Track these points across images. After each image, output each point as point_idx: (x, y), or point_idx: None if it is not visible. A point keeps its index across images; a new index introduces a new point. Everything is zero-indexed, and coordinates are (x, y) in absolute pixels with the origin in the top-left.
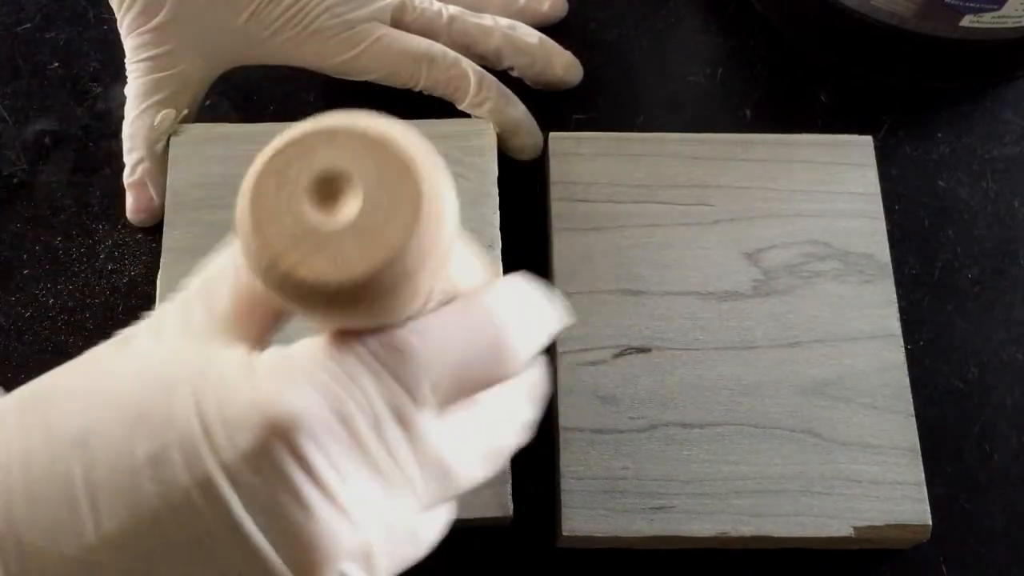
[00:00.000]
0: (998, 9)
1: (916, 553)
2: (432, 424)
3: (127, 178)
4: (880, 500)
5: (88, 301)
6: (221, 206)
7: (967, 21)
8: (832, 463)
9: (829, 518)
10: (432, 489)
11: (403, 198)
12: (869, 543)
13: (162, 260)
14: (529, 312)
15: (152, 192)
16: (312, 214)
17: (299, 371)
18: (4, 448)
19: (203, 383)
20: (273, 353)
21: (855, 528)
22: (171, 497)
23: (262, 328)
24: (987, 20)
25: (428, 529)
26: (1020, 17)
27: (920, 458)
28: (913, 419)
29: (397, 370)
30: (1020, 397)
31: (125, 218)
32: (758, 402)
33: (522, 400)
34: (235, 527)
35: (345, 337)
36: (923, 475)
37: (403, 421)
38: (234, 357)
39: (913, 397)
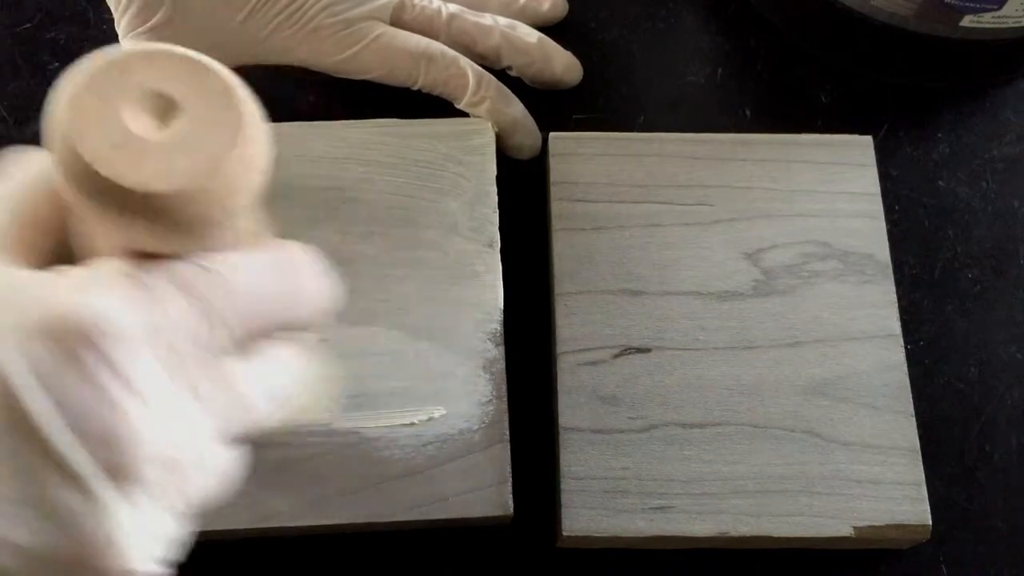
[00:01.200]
0: (998, 9)
1: (916, 553)
2: (231, 356)
3: None
4: (880, 500)
5: None
6: None
7: (967, 21)
8: (832, 463)
9: (829, 518)
10: (230, 419)
11: (224, 120)
12: (869, 543)
13: None
14: (319, 272)
15: None
16: (134, 125)
17: (104, 283)
18: None
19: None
20: (70, 269)
21: (855, 528)
22: None
23: (40, 257)
24: (987, 20)
25: (224, 461)
26: (1020, 17)
27: (920, 458)
28: (913, 419)
29: (206, 293)
30: (1020, 397)
31: None
32: (758, 402)
33: (300, 356)
34: (38, 433)
35: (153, 258)
36: (923, 475)
37: (209, 344)
38: (24, 271)
39: (913, 397)
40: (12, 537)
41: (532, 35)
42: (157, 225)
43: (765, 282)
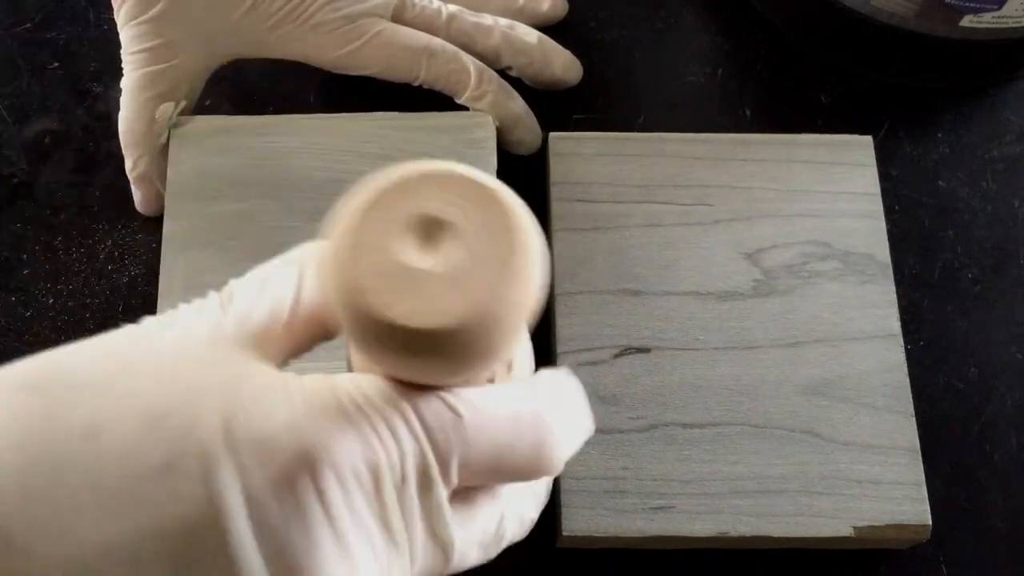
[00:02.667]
0: (998, 9)
1: (916, 553)
2: (447, 502)
3: (130, 172)
4: (880, 500)
5: (88, 301)
6: (222, 198)
7: (967, 21)
8: (832, 463)
9: (829, 518)
10: (427, 564)
11: (500, 252)
12: (869, 543)
13: (163, 252)
14: (572, 416)
15: (158, 185)
16: (407, 254)
17: (339, 407)
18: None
19: (233, 395)
20: (314, 381)
21: (855, 528)
22: (180, 511)
23: (288, 354)
24: (987, 20)
25: None
26: (1020, 17)
27: (920, 458)
28: (913, 419)
29: (438, 437)
30: (1020, 397)
31: (125, 218)
32: (758, 402)
33: (532, 499)
34: (236, 553)
35: (396, 384)
36: (923, 475)
37: (426, 489)
38: (268, 375)
39: (913, 397)
40: None
41: (532, 35)
42: (411, 359)
43: (765, 282)
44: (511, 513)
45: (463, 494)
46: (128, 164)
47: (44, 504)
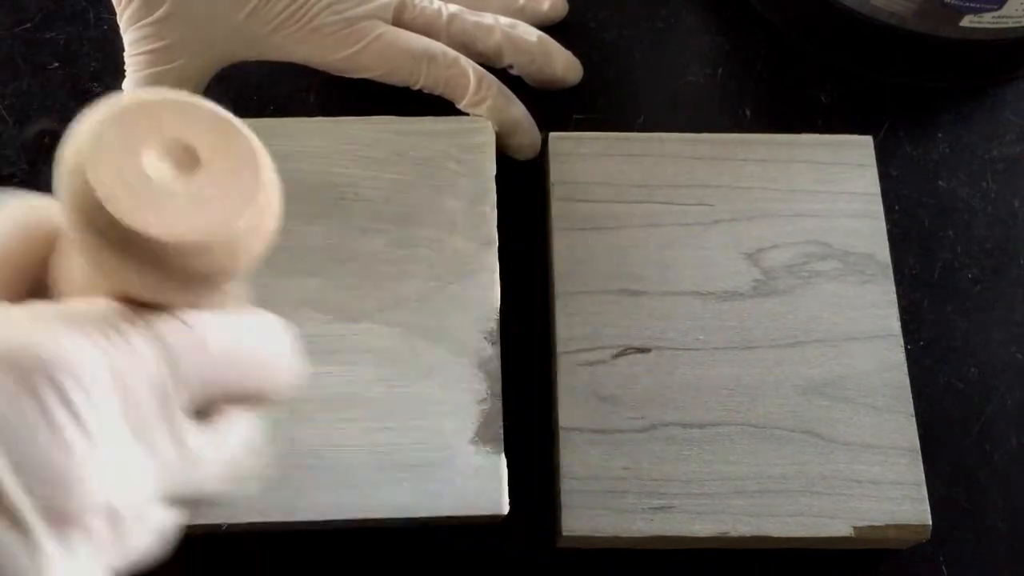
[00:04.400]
0: (998, 9)
1: (916, 553)
2: (185, 415)
3: None
4: (880, 500)
5: None
6: None
7: (967, 21)
8: (832, 463)
9: (829, 518)
10: (173, 475)
11: (242, 184)
12: (869, 543)
13: None
14: (287, 349)
15: None
16: (152, 171)
17: (71, 319)
18: None
19: None
20: (36, 304)
21: (855, 528)
22: None
23: (13, 296)
24: (987, 20)
25: (163, 517)
26: (1020, 17)
27: (920, 458)
28: (913, 419)
29: (180, 350)
30: (1020, 397)
31: None
32: (758, 402)
33: (255, 428)
34: None
35: (127, 303)
36: (923, 475)
37: (165, 400)
38: None
39: (913, 397)
40: None
41: (532, 34)
42: (152, 274)
43: (765, 282)
44: (237, 428)
45: (202, 414)
46: None
47: None
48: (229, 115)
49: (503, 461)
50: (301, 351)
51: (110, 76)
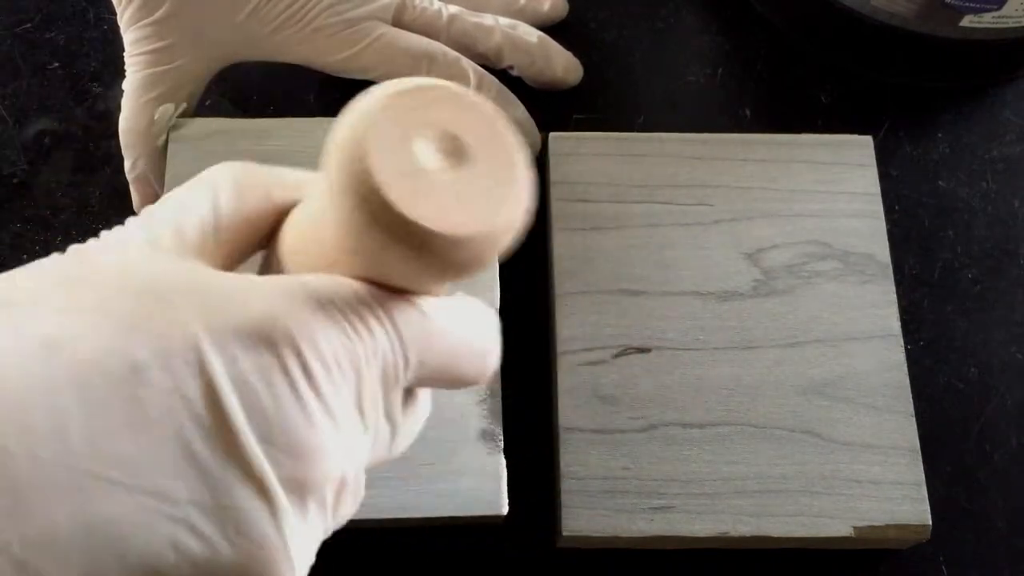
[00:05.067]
0: (998, 9)
1: (916, 553)
2: (400, 398)
3: (129, 173)
4: (880, 500)
5: None
6: None
7: (967, 21)
8: (832, 463)
9: (829, 518)
10: (379, 451)
11: (506, 180)
12: (869, 543)
13: None
14: (496, 334)
15: (156, 186)
16: (427, 160)
17: (317, 300)
18: None
19: (204, 295)
20: (283, 278)
21: (855, 528)
22: (169, 405)
23: (220, 268)
24: (987, 20)
25: (362, 489)
26: (1020, 17)
27: (920, 458)
28: (913, 419)
29: (405, 336)
30: (1020, 397)
31: (125, 218)
32: (758, 402)
33: (428, 402)
34: (234, 439)
35: (369, 286)
36: (923, 475)
37: (391, 382)
38: (230, 277)
39: (913, 397)
40: (183, 541)
41: (533, 35)
42: (414, 261)
43: (765, 282)
44: (422, 412)
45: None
46: (127, 165)
47: (26, 413)
48: (494, 107)
49: (503, 462)
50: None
51: (110, 76)
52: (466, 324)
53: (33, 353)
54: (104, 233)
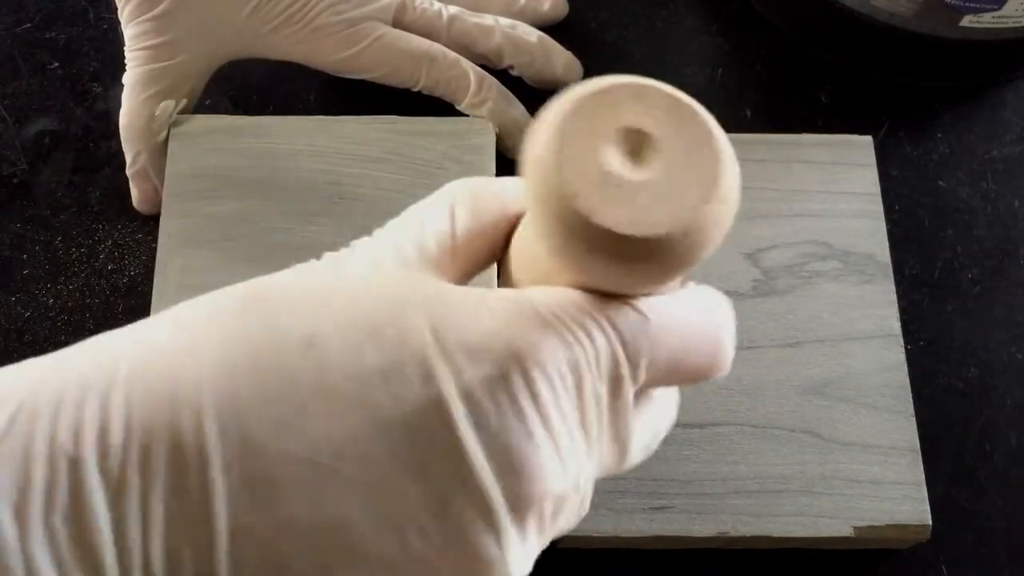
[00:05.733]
0: (998, 9)
1: (916, 553)
2: (632, 401)
3: (129, 169)
4: (880, 500)
5: (88, 301)
6: (219, 197)
7: (967, 21)
8: (832, 463)
9: (829, 518)
10: (606, 463)
11: (703, 169)
12: (869, 543)
13: (159, 250)
14: (732, 318)
15: (156, 182)
16: (614, 164)
17: (539, 315)
18: (227, 345)
19: (439, 308)
20: (509, 292)
21: (855, 528)
22: (402, 411)
23: (456, 282)
24: (987, 20)
25: (587, 500)
26: (1020, 17)
27: (920, 458)
28: (913, 419)
29: (628, 340)
30: (1020, 397)
31: (125, 218)
32: (758, 402)
33: (674, 406)
34: (460, 451)
35: (586, 294)
36: (923, 475)
37: (616, 390)
38: (464, 292)
39: (913, 397)
40: (412, 542)
41: (532, 35)
42: (617, 267)
43: (765, 282)
44: (668, 415)
45: (645, 396)
46: (128, 160)
47: (275, 407)
48: (684, 96)
49: None
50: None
51: (110, 76)
52: (692, 317)
53: (289, 349)
54: (355, 243)
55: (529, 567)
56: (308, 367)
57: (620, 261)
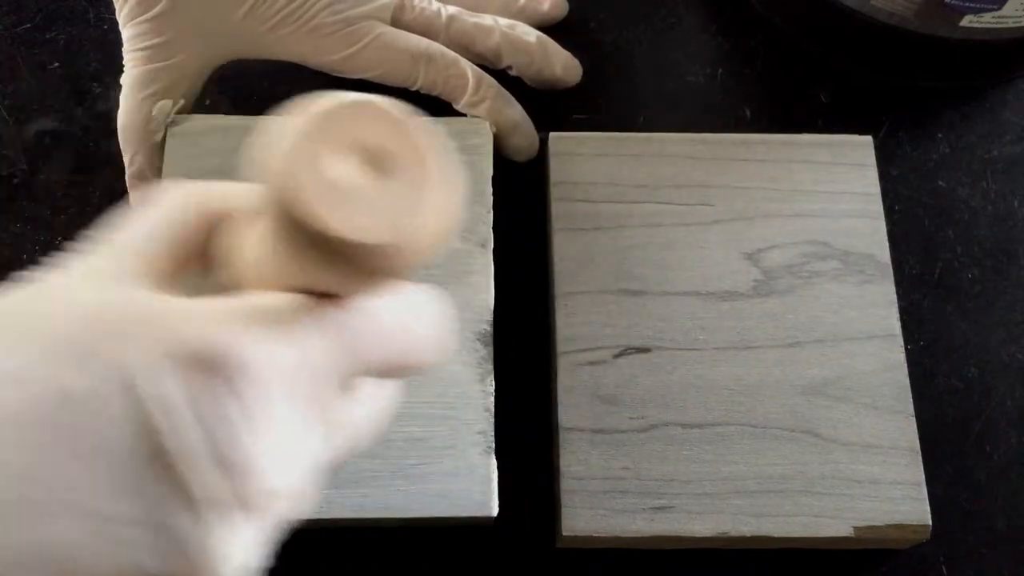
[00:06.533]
0: (998, 9)
1: (916, 553)
2: (356, 394)
3: (127, 169)
4: (880, 500)
5: None
6: None
7: (967, 21)
8: (832, 463)
9: (829, 518)
10: (335, 452)
11: (422, 184)
12: (869, 543)
13: None
14: (440, 324)
15: (154, 182)
16: (339, 172)
17: (254, 315)
18: None
19: (149, 318)
20: (221, 298)
21: (855, 528)
22: (108, 429)
23: (170, 286)
24: (987, 20)
25: (313, 490)
26: (1020, 17)
27: (920, 458)
28: (913, 419)
29: (352, 338)
30: (1020, 397)
31: None
32: (758, 402)
33: (398, 393)
34: (170, 461)
35: (301, 296)
36: (923, 475)
37: (335, 388)
38: (171, 300)
39: (913, 397)
40: (128, 559)
41: (532, 35)
42: (341, 271)
43: (765, 282)
44: (386, 406)
45: (363, 387)
46: (125, 160)
47: None
48: (408, 114)
49: (494, 463)
50: (444, 316)
51: (110, 76)
52: (404, 316)
53: None
54: (65, 261)
55: (252, 560)
56: (4, 395)
57: (342, 264)
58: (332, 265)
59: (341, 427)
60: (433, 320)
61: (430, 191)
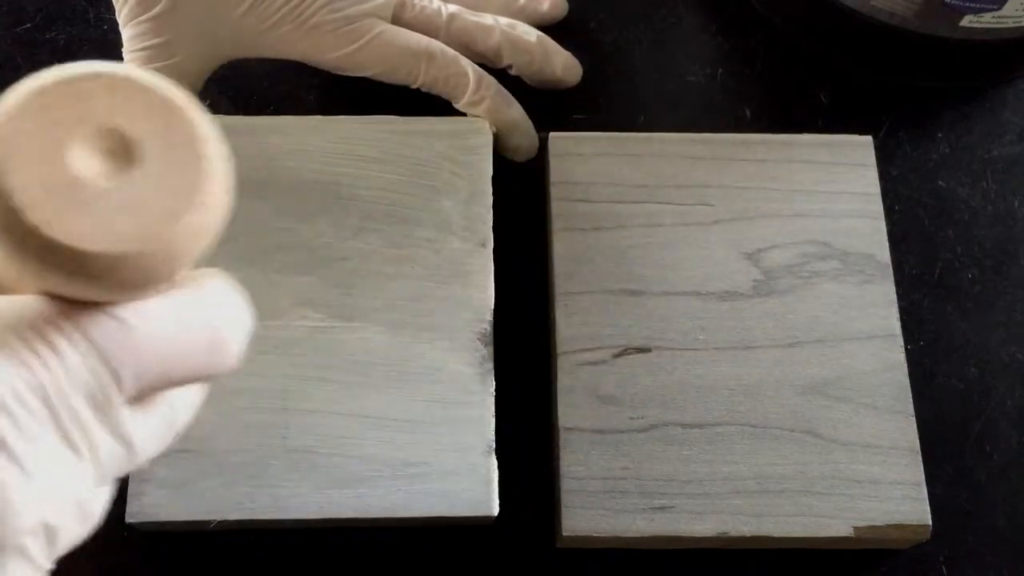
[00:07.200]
0: (998, 9)
1: (916, 553)
2: (127, 410)
3: None
4: (880, 500)
5: None
6: None
7: (967, 21)
8: (832, 463)
9: (829, 518)
10: (112, 468)
11: (183, 175)
12: (869, 543)
13: None
14: (238, 312)
15: None
16: (80, 167)
17: None
18: None
19: None
20: None
21: (855, 528)
22: None
23: None
24: (987, 20)
25: (97, 504)
26: (1020, 17)
27: (920, 458)
28: (913, 419)
29: (107, 351)
30: (1020, 397)
31: None
32: (758, 402)
33: (196, 400)
34: None
35: (55, 302)
36: (923, 475)
37: (102, 404)
38: None
39: (913, 397)
40: None
41: (532, 34)
42: (79, 281)
43: (765, 282)
44: (182, 403)
45: (144, 402)
46: None
47: None
48: (172, 92)
49: (494, 463)
50: (249, 311)
51: None
52: (185, 318)
53: None
54: None
55: None
56: None
57: (82, 276)
58: (79, 277)
59: (125, 444)
60: (229, 316)
61: (194, 181)
